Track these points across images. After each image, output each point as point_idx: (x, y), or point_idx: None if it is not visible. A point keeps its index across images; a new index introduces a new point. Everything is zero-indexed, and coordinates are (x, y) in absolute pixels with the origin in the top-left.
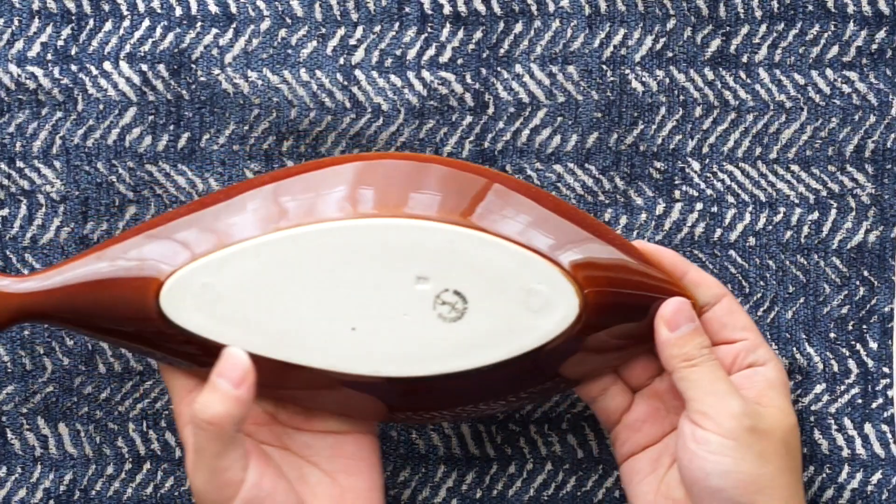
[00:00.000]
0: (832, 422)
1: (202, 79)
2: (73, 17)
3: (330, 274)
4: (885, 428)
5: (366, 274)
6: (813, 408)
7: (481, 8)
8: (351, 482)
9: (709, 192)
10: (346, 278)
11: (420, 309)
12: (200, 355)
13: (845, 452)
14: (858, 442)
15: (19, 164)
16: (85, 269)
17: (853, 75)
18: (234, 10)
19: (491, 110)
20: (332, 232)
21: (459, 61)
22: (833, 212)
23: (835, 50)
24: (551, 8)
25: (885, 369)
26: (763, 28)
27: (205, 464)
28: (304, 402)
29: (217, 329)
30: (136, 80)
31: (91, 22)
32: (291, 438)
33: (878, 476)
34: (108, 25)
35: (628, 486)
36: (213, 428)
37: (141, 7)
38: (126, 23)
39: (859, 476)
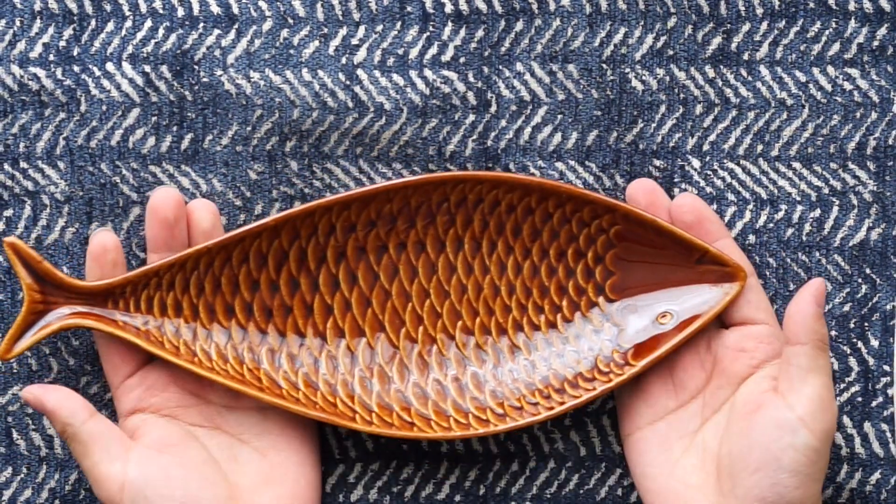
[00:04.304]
0: None
1: (205, 80)
2: (75, 18)
3: None
4: (884, 427)
5: None
6: None
7: (483, 6)
8: (281, 458)
9: (708, 189)
10: None
11: None
12: None
13: (844, 451)
14: (857, 441)
15: (23, 164)
16: None
17: (854, 72)
18: (236, 10)
19: (493, 108)
20: None
21: (461, 60)
22: (835, 209)
23: (836, 47)
24: (552, 6)
25: (886, 367)
26: (764, 26)
27: (81, 466)
28: None
29: None
30: (139, 80)
31: (93, 22)
32: (222, 418)
33: (876, 476)
34: (111, 26)
35: (635, 466)
36: (64, 433)
37: (143, 8)
38: (128, 23)
39: (858, 475)
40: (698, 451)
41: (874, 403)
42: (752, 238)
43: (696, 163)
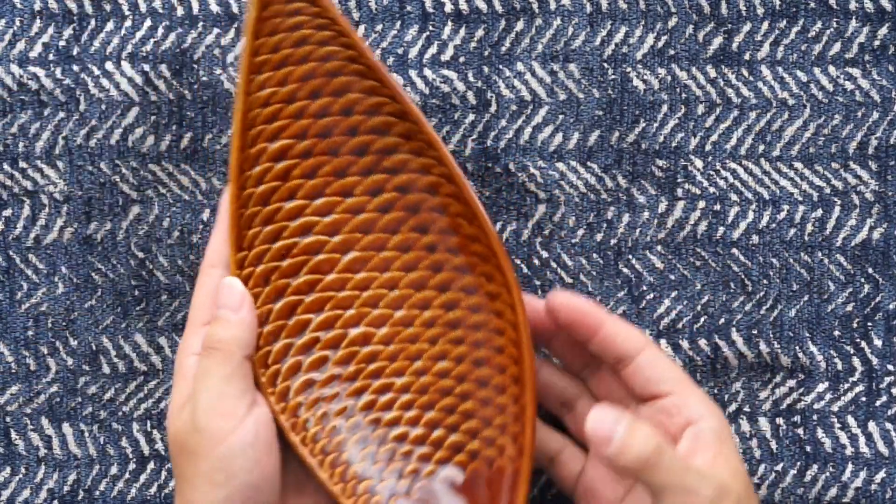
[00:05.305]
0: (835, 420)
1: (204, 79)
2: (75, 18)
3: None
4: (888, 426)
5: None
6: (816, 406)
7: (483, 6)
8: None
9: (711, 189)
10: None
11: None
12: None
13: (849, 451)
14: (862, 440)
15: (22, 164)
16: None
17: (856, 72)
18: (235, 9)
19: (493, 108)
20: None
21: (461, 59)
22: (837, 209)
23: (837, 47)
24: (553, 6)
25: (890, 367)
26: (765, 25)
27: (211, 385)
28: None
29: None
30: (139, 80)
31: (93, 22)
32: None
33: (881, 475)
34: (110, 25)
35: None
36: (223, 350)
37: (142, 7)
38: (128, 23)
39: (863, 475)
40: None
41: (878, 403)
42: (755, 238)
43: (698, 163)
